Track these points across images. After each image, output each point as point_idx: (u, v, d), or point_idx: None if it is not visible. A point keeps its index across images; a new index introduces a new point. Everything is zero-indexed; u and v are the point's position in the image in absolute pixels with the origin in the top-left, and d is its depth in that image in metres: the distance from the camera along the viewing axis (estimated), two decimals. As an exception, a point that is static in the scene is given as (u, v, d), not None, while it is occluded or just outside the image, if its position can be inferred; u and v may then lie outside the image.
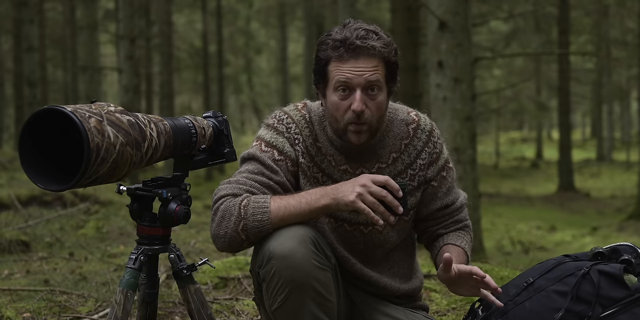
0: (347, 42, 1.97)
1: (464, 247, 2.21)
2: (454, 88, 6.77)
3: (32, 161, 1.65)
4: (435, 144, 2.20)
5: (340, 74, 1.99)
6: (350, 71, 1.98)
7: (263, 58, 36.32)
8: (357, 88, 1.99)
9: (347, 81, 1.98)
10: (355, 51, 1.97)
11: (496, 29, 24.17)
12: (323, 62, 2.02)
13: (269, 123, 2.15)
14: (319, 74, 2.05)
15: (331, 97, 2.03)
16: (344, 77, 1.98)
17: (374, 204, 1.85)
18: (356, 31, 1.98)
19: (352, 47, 1.97)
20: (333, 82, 2.01)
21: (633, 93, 33.83)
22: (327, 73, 2.02)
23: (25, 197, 7.28)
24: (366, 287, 2.21)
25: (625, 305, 1.94)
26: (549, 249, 11.71)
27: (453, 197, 2.25)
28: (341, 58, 1.98)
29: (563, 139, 19.90)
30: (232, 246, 1.97)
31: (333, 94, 2.02)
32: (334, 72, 2.00)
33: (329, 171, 2.13)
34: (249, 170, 2.06)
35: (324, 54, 2.01)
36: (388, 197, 1.86)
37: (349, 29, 2.00)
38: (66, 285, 3.62)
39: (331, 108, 2.04)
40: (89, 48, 13.51)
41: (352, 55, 1.98)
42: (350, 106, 2.00)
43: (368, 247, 2.18)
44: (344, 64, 1.98)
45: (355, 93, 1.99)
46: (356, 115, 2.00)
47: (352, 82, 1.99)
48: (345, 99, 2.01)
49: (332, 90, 2.02)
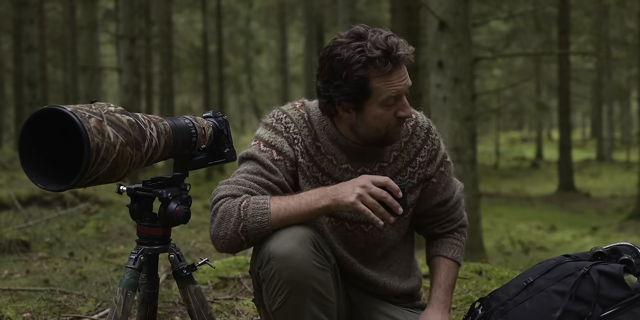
0: (391, 56, 1.94)
1: (455, 259, 2.27)
2: (454, 88, 6.77)
3: (32, 161, 1.65)
4: (433, 140, 2.21)
5: (391, 88, 1.97)
6: (398, 83, 1.97)
7: (263, 58, 36.32)
8: (403, 95, 2.01)
9: (398, 93, 1.99)
10: (398, 62, 1.96)
11: (496, 29, 24.17)
12: (363, 81, 1.95)
13: (268, 122, 2.14)
14: (358, 93, 1.97)
15: (375, 110, 2.00)
16: (396, 91, 1.98)
17: (374, 205, 1.86)
18: (389, 40, 1.95)
19: (397, 60, 1.95)
20: (383, 97, 1.97)
21: (633, 93, 33.84)
22: (370, 90, 1.97)
23: (25, 197, 7.28)
24: (365, 287, 2.21)
25: (625, 305, 1.94)
26: (549, 249, 11.72)
27: (451, 191, 2.27)
28: (389, 73, 1.95)
29: (563, 139, 19.90)
30: (231, 247, 1.97)
31: (378, 107, 1.99)
32: (381, 88, 1.96)
33: (329, 170, 2.12)
34: (247, 171, 2.05)
35: (363, 73, 1.94)
36: (388, 198, 1.86)
37: (379, 40, 1.94)
38: (66, 285, 3.62)
39: (374, 121, 2.01)
40: (89, 48, 13.52)
41: (396, 67, 1.97)
42: (395, 113, 2.01)
43: (369, 246, 2.18)
44: (391, 77, 1.96)
45: (401, 101, 2.01)
46: (403, 120, 2.03)
47: (402, 92, 2.00)
48: (390, 108, 2.01)
49: (376, 104, 1.99)
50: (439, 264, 2.26)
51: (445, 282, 2.23)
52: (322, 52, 2.03)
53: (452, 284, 2.25)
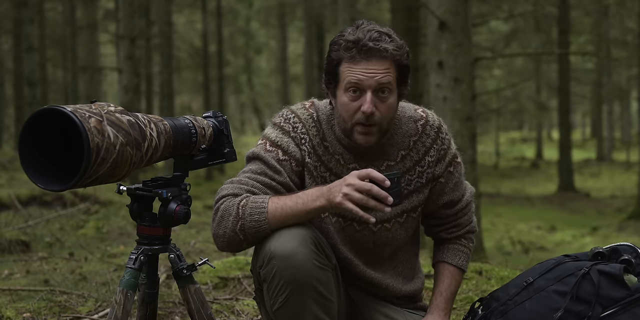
0: (359, 44, 1.96)
1: (459, 266, 2.26)
2: (454, 88, 6.77)
3: (32, 161, 1.65)
4: (443, 140, 2.20)
5: (351, 75, 1.98)
6: (361, 73, 1.97)
7: (263, 58, 36.31)
8: (368, 90, 1.98)
9: (358, 82, 1.98)
10: (367, 53, 1.96)
11: (496, 29, 24.16)
12: (334, 63, 2.01)
13: (276, 122, 2.14)
14: (330, 74, 2.04)
15: (341, 97, 2.02)
16: (355, 79, 1.98)
17: (363, 200, 1.83)
18: (369, 33, 1.97)
19: (365, 49, 1.96)
20: (344, 82, 2.00)
21: (633, 93, 33.83)
22: (338, 73, 2.01)
23: (25, 197, 7.28)
24: (368, 288, 2.21)
25: (625, 305, 1.94)
26: (549, 249, 11.72)
27: (460, 193, 2.25)
28: (353, 59, 1.97)
29: (563, 139, 19.90)
30: (231, 246, 1.97)
31: (343, 94, 2.01)
32: (345, 73, 1.99)
33: (337, 170, 2.12)
34: (252, 170, 2.06)
35: (336, 55, 2.00)
36: (373, 189, 1.83)
37: (362, 30, 1.98)
38: (66, 285, 3.62)
39: (341, 108, 2.03)
40: (89, 48, 13.51)
41: (364, 57, 1.96)
42: (360, 107, 1.99)
43: (377, 246, 2.18)
44: (356, 65, 1.97)
45: (365, 95, 1.99)
46: (365, 116, 1.99)
47: (363, 84, 1.98)
48: (355, 100, 2.00)
49: (342, 90, 2.01)
50: (443, 271, 2.26)
51: (447, 291, 2.23)
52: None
53: (454, 292, 2.24)
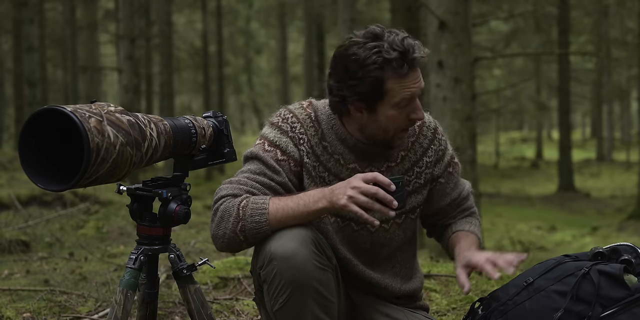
0: (408, 58, 1.93)
1: (473, 231, 2.23)
2: (454, 88, 6.77)
3: (32, 161, 1.65)
4: (440, 141, 2.22)
5: (405, 91, 1.96)
6: (412, 85, 1.97)
7: (263, 58, 36.32)
8: (416, 98, 2.00)
9: (413, 94, 1.98)
10: (414, 64, 1.96)
11: (496, 29, 24.17)
12: (379, 82, 1.95)
13: (274, 122, 2.13)
14: (372, 94, 1.97)
15: (388, 112, 1.99)
16: (410, 93, 1.97)
17: (368, 203, 1.84)
18: (405, 42, 1.94)
19: (414, 62, 1.94)
20: (397, 99, 1.97)
21: (633, 93, 33.83)
22: (384, 92, 1.96)
23: (25, 197, 7.28)
24: (367, 288, 2.21)
25: (625, 305, 1.94)
26: (549, 249, 11.72)
27: (460, 189, 2.28)
28: (405, 75, 1.95)
29: (563, 139, 19.91)
30: (230, 247, 1.97)
31: (391, 109, 1.99)
32: (396, 89, 1.96)
33: (336, 170, 2.12)
34: (250, 170, 2.05)
35: (379, 73, 1.93)
36: (379, 192, 1.84)
37: (396, 42, 1.93)
38: (66, 285, 3.62)
39: (385, 121, 2.01)
40: (89, 48, 13.51)
41: (411, 69, 1.96)
42: (407, 116, 2.01)
43: (374, 247, 2.18)
44: (406, 79, 1.95)
45: (414, 102, 2.00)
46: (413, 123, 2.03)
47: (416, 94, 1.99)
48: (403, 110, 2.00)
49: (390, 106, 1.98)
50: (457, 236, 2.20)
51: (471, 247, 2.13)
52: (337, 50, 2.01)
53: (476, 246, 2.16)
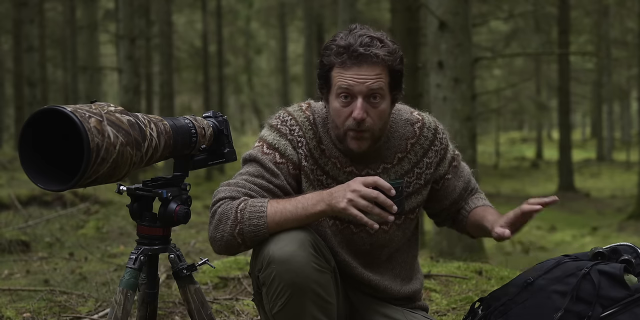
0: (350, 49, 1.95)
1: (489, 205, 2.27)
2: (454, 88, 6.77)
3: (32, 161, 1.65)
4: (441, 140, 2.22)
5: (342, 81, 1.97)
6: (352, 78, 1.96)
7: (263, 58, 36.33)
8: (359, 96, 1.97)
9: (348, 88, 1.97)
10: (358, 59, 1.95)
11: (496, 29, 24.17)
12: (327, 68, 2.01)
13: (272, 124, 2.13)
14: (322, 79, 2.03)
15: (333, 103, 2.02)
16: (346, 84, 1.97)
17: (368, 207, 1.84)
18: (360, 38, 1.96)
19: (355, 55, 1.95)
20: (335, 88, 2.00)
21: (633, 93, 33.83)
22: (330, 79, 2.01)
23: (25, 197, 7.28)
24: (366, 290, 2.21)
25: (625, 305, 1.94)
26: (549, 249, 11.72)
27: (465, 177, 2.30)
28: (344, 65, 1.97)
29: (563, 139, 19.91)
30: (228, 249, 1.97)
31: (335, 100, 2.01)
32: (336, 78, 1.99)
33: (334, 173, 2.12)
34: (249, 173, 2.05)
35: (328, 60, 2.00)
36: (380, 197, 1.84)
37: (354, 35, 1.98)
38: (66, 285, 3.62)
39: (333, 114, 2.04)
40: (89, 48, 13.50)
41: (354, 63, 1.96)
42: (351, 113, 1.99)
43: (374, 248, 2.17)
44: (347, 71, 1.97)
45: (356, 100, 1.98)
46: (356, 123, 1.99)
47: (353, 90, 1.97)
48: (346, 105, 2.00)
49: (334, 96, 2.01)
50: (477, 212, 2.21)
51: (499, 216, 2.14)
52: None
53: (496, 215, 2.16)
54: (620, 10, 22.37)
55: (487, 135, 36.16)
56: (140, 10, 17.85)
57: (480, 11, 15.61)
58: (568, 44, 19.24)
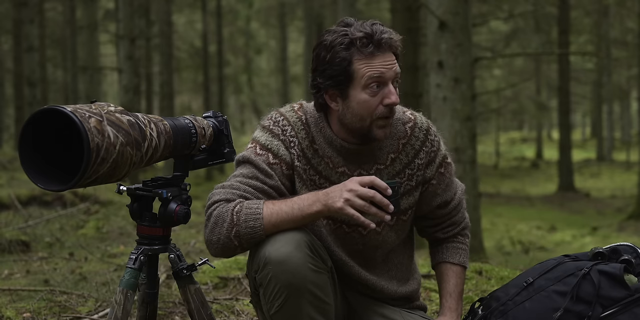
0: (374, 38, 1.95)
1: (461, 263, 2.27)
2: (454, 88, 6.77)
3: (32, 161, 1.65)
4: (432, 142, 2.19)
5: (372, 70, 1.96)
6: (382, 66, 1.97)
7: (263, 58, 36.33)
8: (389, 81, 1.99)
9: (381, 76, 1.97)
10: (382, 46, 1.96)
11: (496, 29, 24.18)
12: (346, 63, 1.97)
13: (265, 125, 2.13)
14: (339, 76, 1.98)
15: (359, 95, 1.99)
16: (378, 73, 1.97)
17: (364, 207, 1.84)
18: (374, 26, 1.97)
19: (381, 42, 1.96)
20: (364, 79, 1.97)
21: (633, 93, 33.83)
22: (352, 72, 1.97)
23: (25, 197, 7.27)
24: (363, 290, 2.20)
25: (625, 305, 1.94)
26: (549, 249, 11.71)
27: (452, 193, 2.25)
28: (371, 54, 1.96)
29: (563, 139, 19.91)
30: (225, 252, 1.96)
31: (362, 92, 1.99)
32: (363, 69, 1.97)
33: (327, 173, 2.11)
34: (243, 174, 2.04)
35: (345, 54, 1.96)
36: (376, 197, 1.84)
37: (364, 26, 1.97)
38: (66, 285, 3.62)
39: (359, 107, 2.00)
40: (89, 48, 13.49)
41: (380, 50, 1.96)
42: (380, 102, 1.99)
43: (367, 248, 2.17)
44: (374, 59, 1.96)
45: (387, 87, 1.99)
46: (389, 109, 2.00)
47: (385, 76, 1.97)
48: (375, 95, 1.99)
49: (360, 88, 1.98)
50: (447, 271, 2.25)
51: (456, 290, 2.22)
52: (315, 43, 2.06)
53: (461, 291, 2.25)
54: (620, 10, 22.37)
55: (487, 135, 36.16)
56: (140, 10, 17.83)
57: (480, 11, 15.62)
58: (568, 44, 19.24)
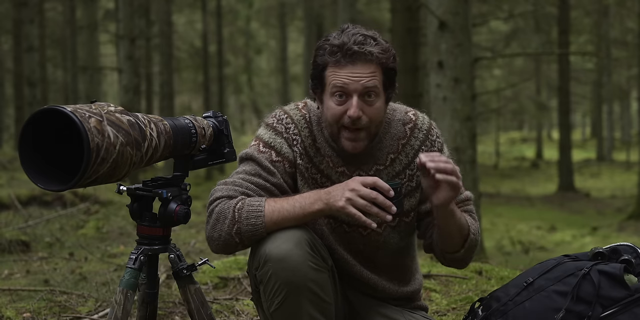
0: (344, 48, 1.95)
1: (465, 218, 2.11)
2: (454, 88, 6.76)
3: (32, 161, 1.65)
4: (433, 142, 2.18)
5: (337, 80, 1.97)
6: (347, 77, 1.96)
7: (263, 58, 36.33)
8: (354, 94, 1.97)
9: (343, 86, 1.97)
10: (352, 57, 1.95)
11: (496, 29, 24.17)
12: (320, 68, 2.01)
13: (269, 122, 2.14)
14: (316, 79, 2.03)
15: (327, 102, 2.02)
16: (341, 83, 1.97)
17: (366, 207, 1.84)
18: (354, 37, 1.97)
19: (350, 53, 1.95)
20: (329, 87, 1.99)
21: (633, 93, 33.83)
22: (324, 78, 2.00)
23: (25, 197, 7.27)
24: (365, 289, 2.20)
25: (625, 305, 1.94)
26: (549, 249, 11.71)
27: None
28: (338, 63, 1.97)
29: (563, 139, 19.90)
30: (226, 249, 1.97)
31: (329, 99, 2.01)
32: (330, 77, 1.99)
33: (328, 172, 2.12)
34: (245, 171, 2.05)
35: (321, 59, 2.00)
36: (379, 198, 1.84)
37: (347, 34, 1.98)
38: (66, 285, 3.62)
39: (327, 113, 2.03)
40: (89, 48, 13.49)
41: (349, 61, 1.96)
42: (346, 111, 1.98)
43: (368, 248, 2.17)
44: (341, 69, 1.97)
45: (352, 99, 1.98)
46: (352, 120, 1.98)
47: (348, 88, 1.97)
48: (341, 104, 1.99)
49: (328, 95, 2.01)
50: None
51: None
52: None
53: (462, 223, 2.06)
54: (620, 10, 22.37)
55: (487, 135, 36.15)
56: (140, 10, 17.84)
57: (480, 11, 15.61)
58: (568, 44, 19.23)
